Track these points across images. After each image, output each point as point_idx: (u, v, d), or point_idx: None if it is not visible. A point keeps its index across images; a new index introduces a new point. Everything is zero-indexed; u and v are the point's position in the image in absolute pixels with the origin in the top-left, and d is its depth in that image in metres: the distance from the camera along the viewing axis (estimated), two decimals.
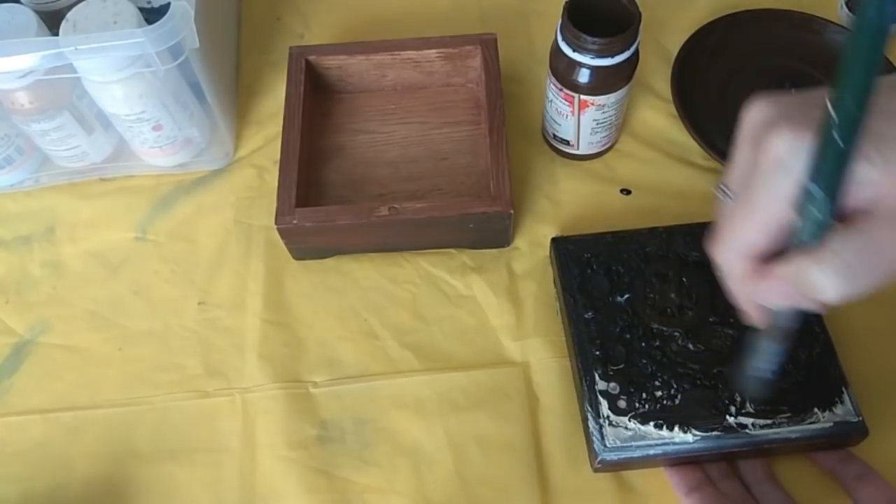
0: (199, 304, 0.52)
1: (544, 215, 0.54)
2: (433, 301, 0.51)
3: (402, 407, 0.48)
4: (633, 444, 0.42)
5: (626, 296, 0.46)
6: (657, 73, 0.59)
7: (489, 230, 0.51)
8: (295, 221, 0.49)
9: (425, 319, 0.51)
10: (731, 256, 0.32)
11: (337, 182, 0.55)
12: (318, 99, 0.58)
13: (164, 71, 0.47)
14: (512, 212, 0.49)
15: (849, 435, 0.42)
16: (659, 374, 0.44)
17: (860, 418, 0.42)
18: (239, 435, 0.47)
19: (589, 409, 0.43)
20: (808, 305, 0.31)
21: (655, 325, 0.45)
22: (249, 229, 0.55)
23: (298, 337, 0.50)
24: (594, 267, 0.48)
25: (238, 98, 0.61)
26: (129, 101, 0.49)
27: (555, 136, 0.55)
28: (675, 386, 0.43)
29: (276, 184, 0.50)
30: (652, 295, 0.46)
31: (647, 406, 0.43)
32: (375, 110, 0.58)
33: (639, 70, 0.50)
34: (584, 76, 0.48)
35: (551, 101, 0.52)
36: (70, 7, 0.48)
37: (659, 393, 0.43)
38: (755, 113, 0.31)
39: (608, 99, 0.50)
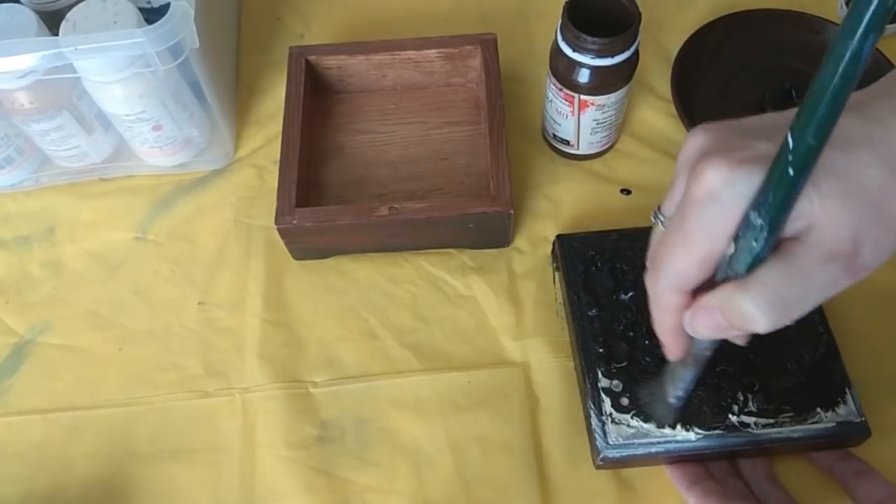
0: (199, 304, 0.52)
1: (544, 215, 0.54)
2: (433, 301, 0.51)
3: (402, 407, 0.48)
4: (636, 441, 0.42)
5: (631, 293, 0.46)
6: (657, 73, 0.59)
7: (489, 230, 0.51)
8: (295, 221, 0.49)
9: (425, 319, 0.51)
10: (662, 286, 0.31)
11: (337, 182, 0.55)
12: (318, 99, 0.58)
13: (164, 71, 0.47)
14: (512, 212, 0.49)
15: (851, 435, 0.42)
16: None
17: (863, 419, 0.42)
18: (239, 435, 0.47)
19: (592, 406, 0.43)
20: (736, 335, 0.31)
21: None
22: (249, 229, 0.55)
23: (298, 337, 0.50)
24: (598, 265, 0.48)
25: (238, 98, 0.61)
26: (129, 101, 0.49)
27: (555, 136, 0.55)
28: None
29: (276, 184, 0.50)
30: None
31: (649, 405, 0.43)
32: (375, 110, 0.58)
33: (639, 70, 0.50)
34: (584, 76, 0.48)
35: (551, 101, 0.52)
36: (70, 7, 0.48)
37: (661, 391, 0.42)
38: (691, 142, 0.30)
39: (608, 99, 0.50)
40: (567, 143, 0.54)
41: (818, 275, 0.28)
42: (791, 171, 0.25)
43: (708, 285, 0.30)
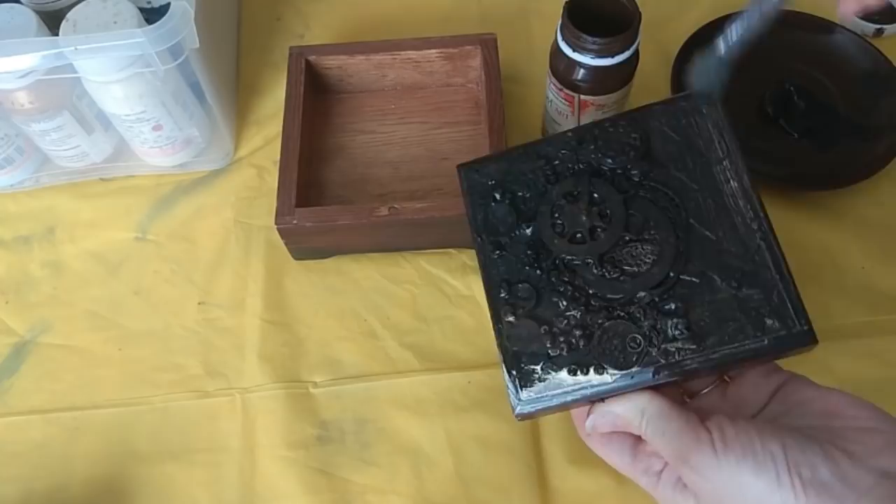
0: (199, 304, 0.52)
1: None
2: (433, 301, 0.51)
3: (402, 407, 0.48)
4: (548, 393, 0.38)
5: (531, 225, 0.41)
6: (657, 73, 0.59)
7: None
8: (295, 221, 0.49)
9: (425, 319, 0.51)
10: None
11: (337, 182, 0.55)
12: (318, 99, 0.58)
13: (164, 71, 0.47)
14: None
15: (793, 347, 0.36)
16: (571, 312, 0.38)
17: (804, 327, 0.35)
18: (239, 435, 0.47)
19: (501, 359, 0.39)
20: None
21: (565, 256, 0.39)
22: (249, 229, 0.55)
23: (298, 337, 0.50)
24: (497, 197, 0.42)
25: (238, 98, 0.61)
26: (129, 101, 0.49)
27: None
28: (588, 323, 0.38)
29: (276, 184, 0.50)
30: (560, 220, 0.40)
31: (560, 350, 0.38)
32: (375, 110, 0.58)
33: (639, 70, 0.50)
34: (584, 76, 0.48)
35: (551, 101, 0.52)
36: (70, 7, 0.48)
37: (572, 334, 0.38)
38: None
39: (608, 99, 0.50)
40: None
41: None
42: None
43: None
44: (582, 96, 0.49)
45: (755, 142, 0.55)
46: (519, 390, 0.38)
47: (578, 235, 0.39)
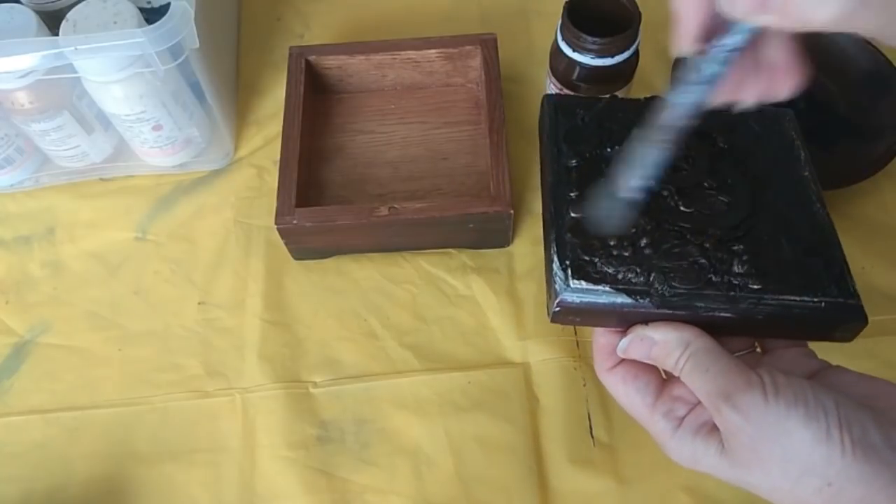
0: (199, 304, 0.52)
1: None
2: (433, 301, 0.51)
3: (402, 407, 0.48)
4: (599, 288, 0.36)
5: (617, 147, 0.41)
6: (657, 73, 0.59)
7: (489, 230, 0.51)
8: (295, 221, 0.49)
9: (425, 319, 0.51)
10: None
11: (337, 182, 0.55)
12: (318, 99, 0.58)
13: (164, 71, 0.47)
14: (512, 212, 0.49)
15: (846, 319, 0.37)
16: (641, 223, 0.38)
17: (858, 302, 0.36)
18: (239, 435, 0.47)
19: (555, 250, 0.37)
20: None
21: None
22: (249, 229, 0.55)
23: (298, 337, 0.50)
24: (585, 120, 0.42)
25: (238, 98, 0.61)
26: (129, 102, 0.49)
27: None
28: (657, 237, 0.37)
29: (276, 184, 0.50)
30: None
31: (624, 250, 0.37)
32: (375, 110, 0.58)
33: (639, 70, 0.50)
34: (584, 76, 0.48)
35: None
36: (70, 7, 0.48)
37: (639, 240, 0.37)
38: None
39: None
40: None
41: None
42: None
43: None
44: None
45: None
46: (569, 277, 0.36)
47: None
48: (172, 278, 0.53)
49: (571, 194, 0.39)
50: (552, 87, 0.51)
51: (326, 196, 0.54)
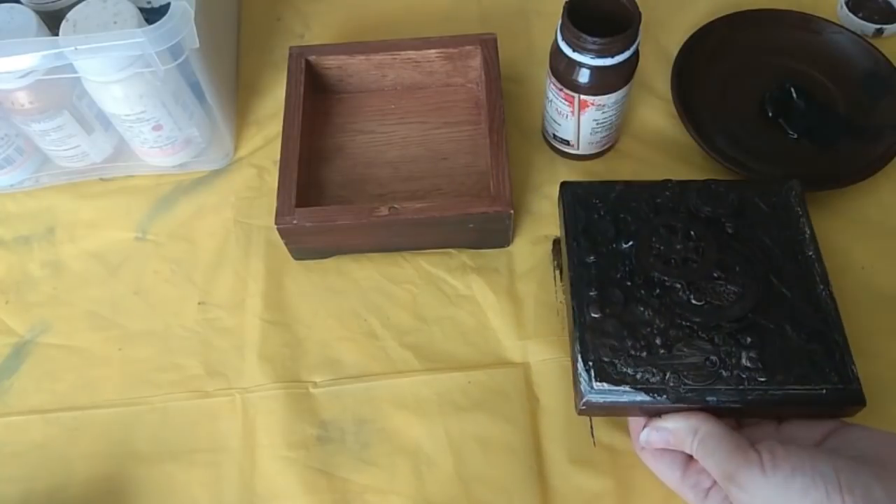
0: (199, 304, 0.52)
1: (544, 215, 0.54)
2: (433, 301, 0.51)
3: (402, 407, 0.48)
4: (620, 388, 0.40)
5: (631, 243, 0.45)
6: (657, 73, 0.59)
7: (489, 230, 0.51)
8: (295, 221, 0.49)
9: (425, 319, 0.51)
10: None
11: (337, 182, 0.55)
12: (318, 99, 0.58)
13: (164, 71, 0.47)
14: (512, 212, 0.49)
15: (845, 403, 0.40)
16: (656, 322, 0.42)
17: (858, 386, 0.40)
18: (239, 435, 0.47)
19: (579, 349, 0.42)
20: None
21: (657, 274, 0.43)
22: (249, 229, 0.55)
23: (298, 337, 0.50)
24: (601, 213, 0.47)
25: (238, 98, 0.61)
26: (129, 101, 0.49)
27: (555, 136, 0.55)
28: (671, 335, 0.42)
29: (276, 184, 0.50)
30: (657, 244, 0.44)
31: (640, 351, 0.41)
32: (375, 110, 0.58)
33: (639, 70, 0.50)
34: (583, 76, 0.48)
35: (551, 101, 0.52)
36: (70, 7, 0.48)
37: (653, 340, 0.42)
38: None
39: (608, 99, 0.50)
40: (567, 143, 0.54)
41: None
42: None
43: None
44: (582, 96, 0.49)
45: (755, 142, 0.55)
46: (592, 379, 0.41)
47: (673, 260, 0.44)
48: (172, 278, 0.53)
49: (591, 293, 0.43)
50: (552, 87, 0.51)
51: (326, 196, 0.54)
